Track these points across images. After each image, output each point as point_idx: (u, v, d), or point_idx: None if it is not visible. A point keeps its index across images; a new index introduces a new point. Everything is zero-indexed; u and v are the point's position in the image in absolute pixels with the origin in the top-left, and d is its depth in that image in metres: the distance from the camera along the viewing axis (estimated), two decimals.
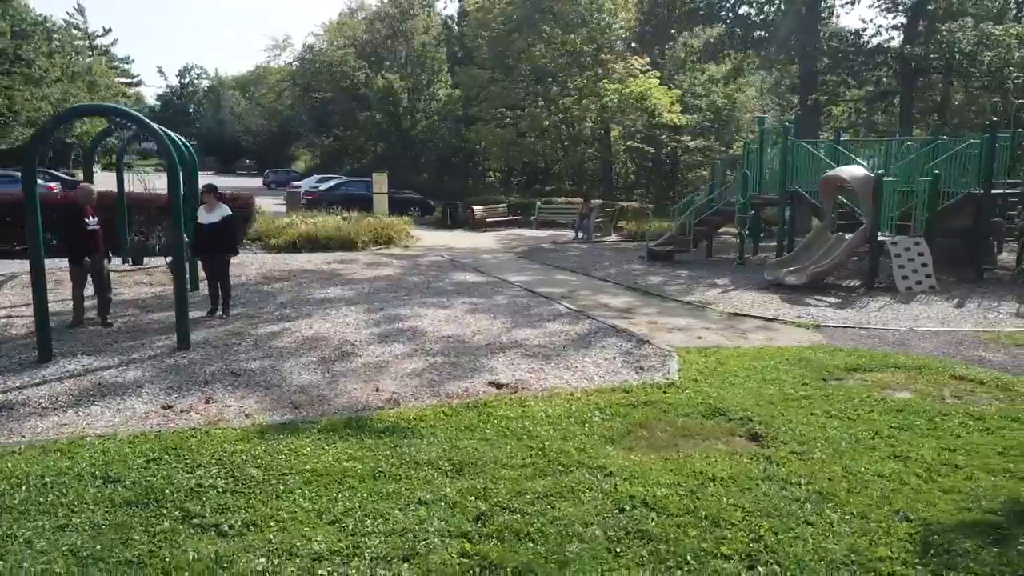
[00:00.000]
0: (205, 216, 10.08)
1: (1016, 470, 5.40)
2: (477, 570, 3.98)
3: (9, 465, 5.29)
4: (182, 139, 12.02)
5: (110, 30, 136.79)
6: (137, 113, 8.87)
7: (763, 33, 23.28)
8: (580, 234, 23.01)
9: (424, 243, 20.79)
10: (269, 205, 26.53)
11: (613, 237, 23.86)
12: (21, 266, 12.79)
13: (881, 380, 7.71)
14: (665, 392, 7.13)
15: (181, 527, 4.42)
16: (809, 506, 4.77)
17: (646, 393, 7.08)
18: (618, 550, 4.19)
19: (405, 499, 4.81)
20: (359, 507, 4.68)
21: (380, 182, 25.65)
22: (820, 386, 7.39)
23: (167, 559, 4.05)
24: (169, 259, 9.96)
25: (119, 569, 3.96)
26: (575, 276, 15.31)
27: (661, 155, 37.45)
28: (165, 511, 4.61)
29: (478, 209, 25.98)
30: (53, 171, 39.08)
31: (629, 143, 35.14)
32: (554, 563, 4.05)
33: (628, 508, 4.70)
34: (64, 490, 4.87)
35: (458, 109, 45.11)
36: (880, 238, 13.58)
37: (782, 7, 23.05)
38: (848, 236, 13.84)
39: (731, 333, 10.15)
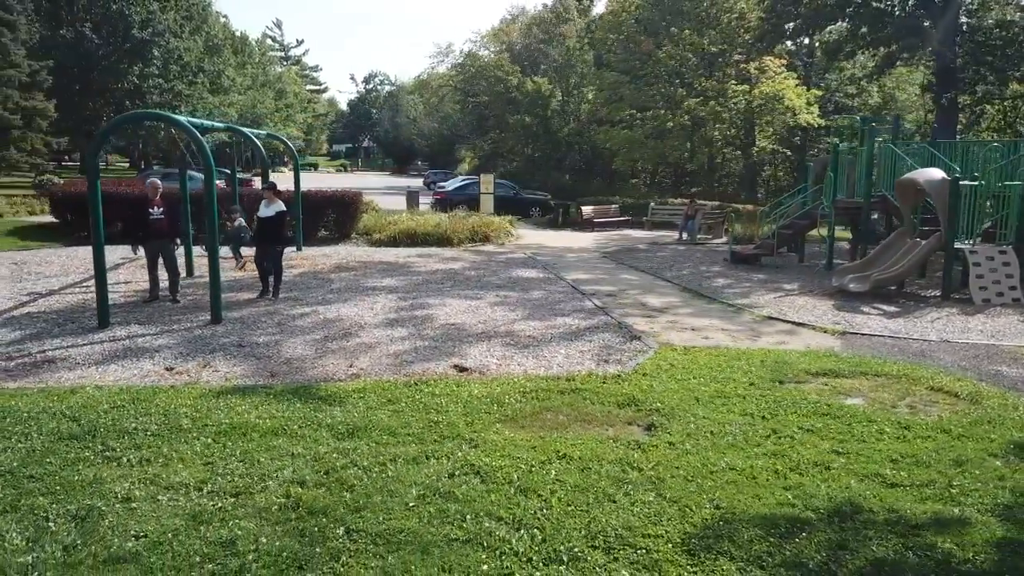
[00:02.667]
0: (263, 210, 11.34)
1: (885, 475, 5.30)
2: (283, 507, 4.62)
3: (12, 403, 6.55)
4: (257, 142, 13.43)
5: (302, 41, 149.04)
6: (176, 117, 10.22)
7: (890, 30, 21.88)
8: (684, 235, 22.79)
9: (521, 241, 21.48)
10: (402, 203, 28.24)
11: (721, 239, 23.38)
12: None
13: (843, 386, 7.51)
14: (603, 383, 7.39)
15: (92, 456, 5.40)
16: (629, 487, 5.00)
17: (583, 382, 7.37)
18: (412, 504, 4.69)
19: (281, 452, 5.53)
20: (239, 455, 5.46)
21: (486, 182, 26.66)
22: (768, 387, 7.34)
23: (59, 476, 5.02)
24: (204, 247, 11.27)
25: (21, 482, 4.96)
26: (641, 276, 15.41)
27: (805, 158, 35.88)
28: (91, 445, 5.62)
29: (587, 209, 26.30)
30: (223, 170, 43.44)
31: (765, 145, 33.98)
32: (351, 509, 4.61)
33: (457, 474, 5.16)
34: (31, 423, 6.02)
35: (600, 111, 45.46)
36: (958, 246, 12.68)
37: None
38: (924, 243, 13.02)
39: (745, 335, 10.05)
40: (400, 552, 4.13)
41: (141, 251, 11.34)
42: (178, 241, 11.20)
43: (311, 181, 38.08)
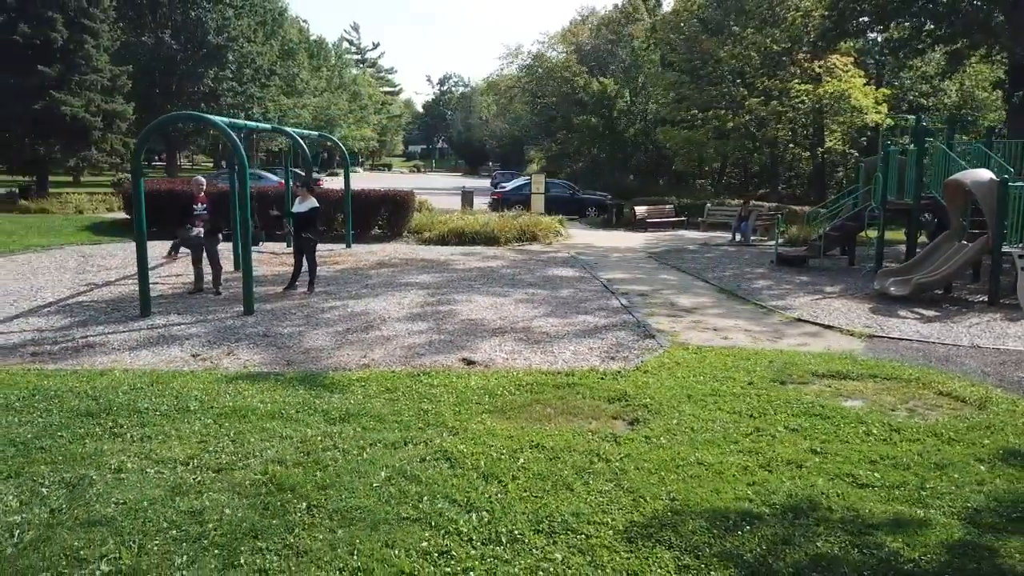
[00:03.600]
0: (297, 207, 11.82)
1: (857, 475, 5.27)
2: (257, 483, 4.93)
3: (46, 382, 7.10)
4: (301, 142, 13.94)
5: (378, 44, 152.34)
6: (210, 117, 10.75)
7: (956, 27, 21.04)
8: (738, 237, 22.47)
9: (569, 241, 21.58)
10: (456, 203, 28.71)
11: (776, 241, 22.92)
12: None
13: (847, 388, 7.42)
14: (601, 378, 7.50)
15: (100, 432, 5.84)
16: (591, 477, 5.13)
17: (581, 377, 7.50)
18: (377, 485, 4.93)
19: (272, 433, 5.86)
20: (232, 435, 5.82)
21: (537, 182, 26.81)
22: (767, 387, 7.31)
23: (66, 448, 5.46)
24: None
25: (31, 451, 5.42)
26: (680, 276, 15.33)
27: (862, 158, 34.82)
28: (102, 421, 6.07)
29: (640, 209, 26.18)
30: (294, 169, 44.88)
31: (833, 145, 33.11)
32: (318, 487, 4.89)
33: (428, 459, 5.38)
34: (55, 400, 6.52)
35: (662, 112, 45.07)
36: (1007, 249, 12.20)
37: None
38: (969, 246, 12.58)
39: (767, 336, 9.96)
40: (351, 527, 4.37)
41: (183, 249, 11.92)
42: (220, 236, 11.75)
43: (375, 181, 39.08)
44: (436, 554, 4.10)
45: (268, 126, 15.66)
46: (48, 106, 25.65)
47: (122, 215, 22.79)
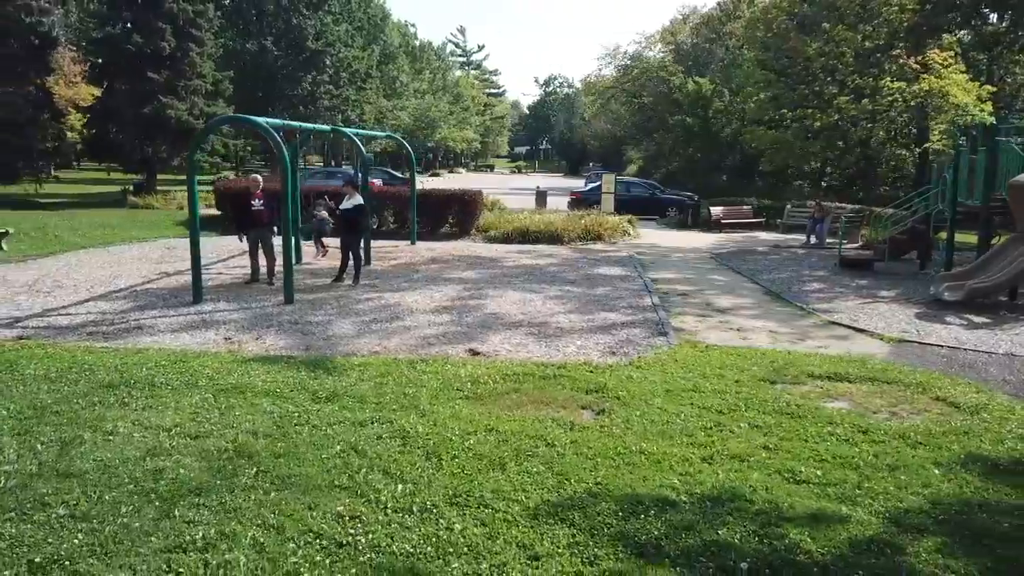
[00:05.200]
0: (344, 204, 12.48)
1: (798, 472, 5.30)
2: (223, 450, 5.44)
3: (86, 357, 7.92)
4: (358, 142, 14.62)
5: (483, 46, 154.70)
6: (255, 119, 11.46)
7: None
8: (812, 239, 21.83)
9: (636, 240, 21.55)
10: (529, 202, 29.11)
11: (856, 244, 22.11)
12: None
13: (838, 390, 7.33)
14: (589, 371, 7.70)
15: (112, 401, 6.53)
16: (527, 459, 5.38)
17: (570, 370, 7.71)
18: (326, 457, 5.36)
19: (257, 408, 6.39)
20: (223, 408, 6.38)
21: (608, 182, 26.78)
22: (753, 386, 7.31)
23: (75, 413, 6.16)
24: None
25: (44, 414, 6.15)
26: (732, 277, 15.16)
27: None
28: (117, 392, 6.76)
29: (716, 210, 25.76)
30: (391, 171, 46.41)
31: (933, 144, 31.46)
32: (273, 456, 5.35)
33: (385, 436, 5.77)
34: (86, 373, 7.30)
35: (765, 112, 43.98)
36: None
37: None
38: None
39: (790, 338, 9.83)
40: (285, 491, 4.80)
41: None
42: (275, 229, 12.54)
43: (470, 181, 39.83)
44: (348, 518, 4.48)
45: (326, 127, 16.48)
46: (156, 110, 27.71)
47: (215, 211, 24.35)
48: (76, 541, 4.13)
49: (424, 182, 34.16)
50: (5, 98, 27.08)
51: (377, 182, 35.67)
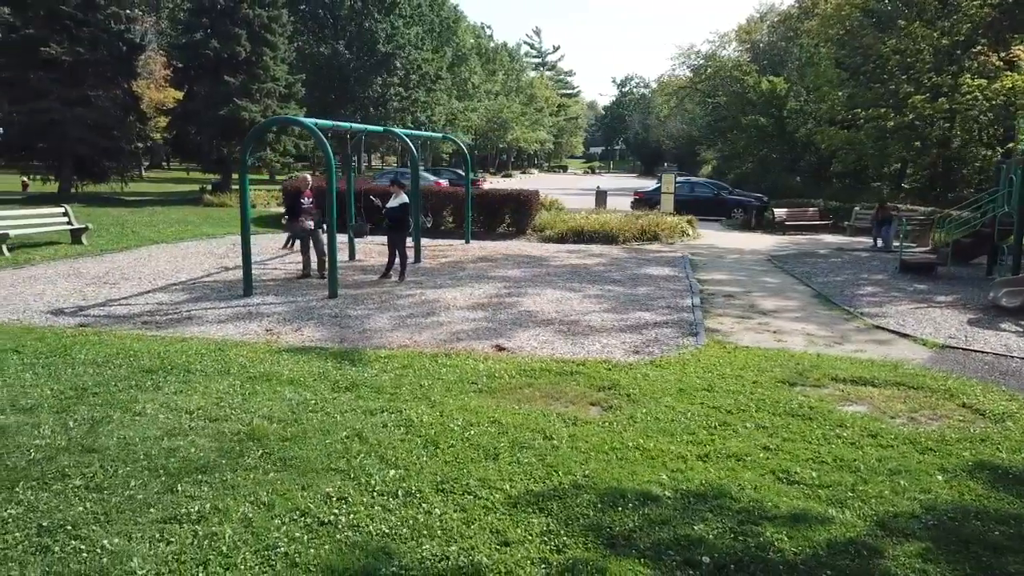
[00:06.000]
0: (391, 202, 12.82)
1: (793, 473, 5.27)
2: (236, 432, 5.76)
3: (135, 345, 8.44)
4: (408, 142, 14.95)
5: (558, 47, 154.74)
6: (303, 120, 11.89)
7: None
8: (878, 242, 21.16)
9: (695, 241, 21.32)
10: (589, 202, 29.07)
11: (925, 248, 21.31)
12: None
13: (860, 394, 7.18)
14: (608, 369, 7.75)
15: (148, 384, 6.96)
16: (522, 451, 5.50)
17: (588, 367, 7.79)
18: (330, 442, 5.61)
19: (279, 395, 6.71)
20: (246, 394, 6.72)
21: (667, 182, 26.47)
22: (770, 387, 7.24)
23: (111, 395, 6.59)
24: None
25: (84, 395, 6.61)
26: (784, 280, 14.87)
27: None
28: (154, 377, 7.20)
29: (779, 211, 25.21)
30: (460, 171, 46.84)
31: (1013, 146, 29.98)
32: (281, 439, 5.63)
33: (390, 425, 5.99)
34: (131, 358, 7.78)
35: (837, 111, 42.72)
36: None
37: None
38: None
39: (827, 341, 9.64)
40: (283, 472, 5.07)
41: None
42: (324, 227, 12.96)
43: (537, 182, 39.92)
44: (335, 498, 4.70)
45: (378, 128, 16.91)
46: (231, 112, 28.88)
47: (281, 209, 25.25)
48: (83, 509, 4.48)
49: (481, 182, 34.59)
50: (96, 102, 28.73)
51: (444, 182, 36.32)
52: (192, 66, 30.75)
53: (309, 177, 13.07)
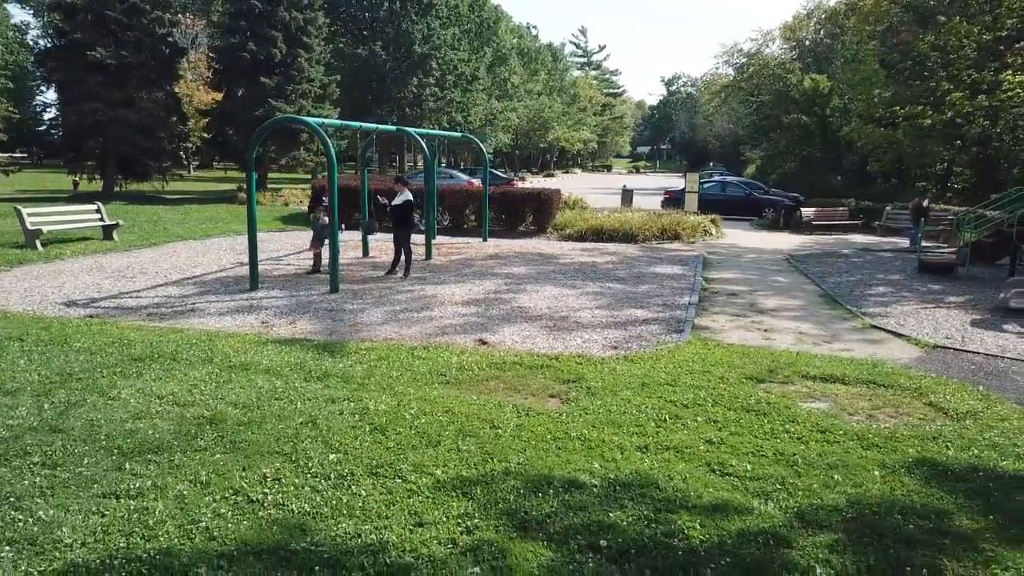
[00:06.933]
0: (396, 200, 13.08)
1: (728, 465, 5.33)
2: (198, 416, 6.03)
3: (132, 334, 8.82)
4: (421, 142, 15.19)
5: (604, 47, 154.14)
6: (306, 119, 12.18)
7: None
8: (911, 243, 20.71)
9: (716, 241, 21.16)
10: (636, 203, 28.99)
11: (951, 248, 20.81)
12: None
13: (825, 391, 7.16)
14: (578, 364, 7.85)
15: (132, 371, 7.30)
16: (465, 439, 5.66)
17: (560, 361, 7.90)
18: (283, 427, 5.84)
19: (251, 384, 6.98)
20: (221, 382, 7.01)
21: (692, 181, 26.26)
22: (735, 383, 7.25)
23: (94, 380, 6.94)
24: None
25: (68, 379, 6.97)
26: (794, 279, 14.72)
27: None
28: (139, 364, 7.54)
29: (807, 211, 24.84)
30: (494, 171, 46.98)
31: None
32: (238, 424, 5.89)
33: (345, 412, 6.20)
34: (124, 347, 8.15)
35: (887, 109, 41.81)
36: None
37: None
38: None
39: (815, 340, 9.56)
40: (231, 454, 5.31)
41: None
42: (343, 225, 13.27)
43: (579, 181, 39.72)
44: (271, 479, 4.93)
45: (392, 128, 17.19)
46: (267, 112, 29.59)
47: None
48: (31, 483, 4.78)
49: (534, 182, 34.77)
50: (139, 103, 29.74)
51: (476, 181, 36.57)
52: (231, 68, 31.57)
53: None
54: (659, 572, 4.00)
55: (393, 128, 16.94)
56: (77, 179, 33.86)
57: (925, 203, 21.21)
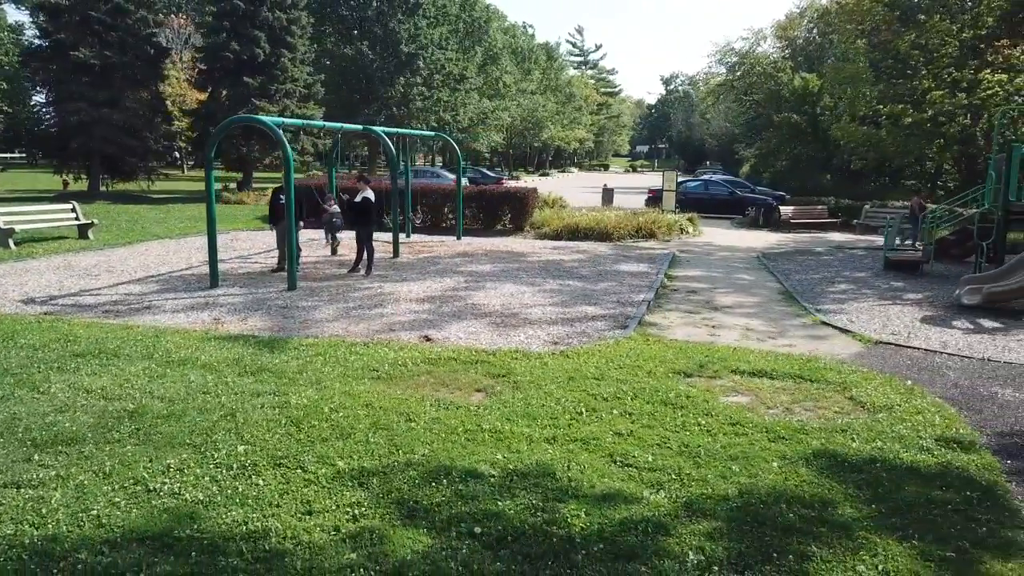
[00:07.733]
0: (357, 198, 13.19)
1: (630, 456, 5.43)
2: (122, 410, 6.13)
3: (80, 331, 8.91)
4: (387, 141, 15.29)
5: (600, 46, 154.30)
6: (262, 118, 12.29)
7: None
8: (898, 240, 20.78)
9: (691, 239, 21.27)
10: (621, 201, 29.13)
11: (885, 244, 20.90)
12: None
13: (749, 385, 7.26)
14: (512, 359, 7.95)
15: (70, 365, 7.40)
16: (375, 431, 5.76)
17: (497, 356, 8.00)
18: (201, 420, 5.94)
19: (184, 379, 7.08)
20: (153, 376, 7.11)
21: (669, 180, 26.36)
22: (659, 377, 7.36)
23: (29, 375, 7.04)
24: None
25: (2, 376, 7.07)
26: (759, 276, 14.83)
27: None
28: (79, 359, 7.65)
29: (786, 210, 24.98)
30: (484, 170, 47.14)
31: None
32: (158, 416, 5.99)
33: (266, 406, 6.30)
34: (67, 343, 8.25)
35: (871, 107, 41.96)
36: None
37: None
38: None
39: (761, 336, 9.66)
40: (141, 446, 5.42)
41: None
42: (301, 223, 13.41)
43: (573, 181, 39.68)
44: (174, 469, 5.03)
45: (358, 127, 17.30)
46: (251, 112, 29.66)
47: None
48: None
49: (504, 181, 34.87)
50: (123, 103, 29.85)
51: (464, 180, 36.64)
52: (215, 68, 31.67)
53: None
54: (531, 557, 4.10)
55: (360, 127, 17.04)
56: (66, 178, 34.00)
57: (924, 202, 21.30)
